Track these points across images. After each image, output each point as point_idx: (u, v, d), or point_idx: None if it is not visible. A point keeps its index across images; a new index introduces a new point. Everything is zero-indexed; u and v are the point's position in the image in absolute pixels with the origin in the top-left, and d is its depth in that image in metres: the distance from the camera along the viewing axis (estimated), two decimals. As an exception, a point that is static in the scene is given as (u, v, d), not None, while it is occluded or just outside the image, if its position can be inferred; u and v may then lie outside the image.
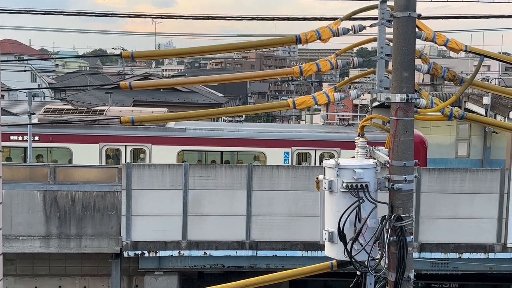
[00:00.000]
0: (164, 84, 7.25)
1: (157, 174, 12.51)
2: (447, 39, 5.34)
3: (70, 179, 12.83)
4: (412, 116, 5.13)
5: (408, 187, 5.13)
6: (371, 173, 5.16)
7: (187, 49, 5.51)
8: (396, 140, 5.10)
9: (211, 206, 12.65)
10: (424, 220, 12.70)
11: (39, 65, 55.10)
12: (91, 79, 45.46)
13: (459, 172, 13.03)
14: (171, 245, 12.58)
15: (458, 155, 25.27)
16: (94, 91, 33.64)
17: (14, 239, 12.21)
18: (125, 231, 12.41)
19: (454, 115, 5.44)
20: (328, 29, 5.24)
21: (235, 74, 6.29)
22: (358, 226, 5.01)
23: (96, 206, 12.52)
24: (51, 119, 16.65)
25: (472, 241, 12.97)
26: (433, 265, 13.20)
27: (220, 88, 46.92)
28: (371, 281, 5.29)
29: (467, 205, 12.89)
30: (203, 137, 17.51)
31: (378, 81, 5.27)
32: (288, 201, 12.68)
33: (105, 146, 17.04)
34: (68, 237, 12.44)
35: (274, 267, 12.78)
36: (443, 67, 5.60)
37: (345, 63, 5.50)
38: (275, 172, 12.77)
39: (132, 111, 19.33)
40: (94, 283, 13.63)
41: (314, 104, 5.49)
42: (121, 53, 5.39)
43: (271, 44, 5.91)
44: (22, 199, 12.33)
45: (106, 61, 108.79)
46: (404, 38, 5.00)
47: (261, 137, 17.84)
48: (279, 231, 12.73)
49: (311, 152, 17.75)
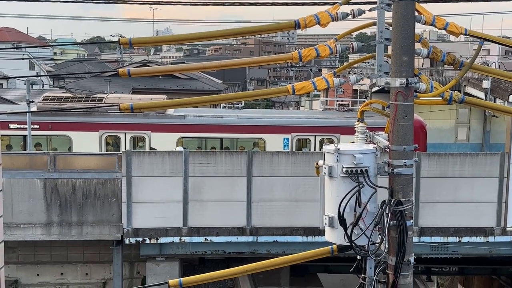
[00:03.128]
0: (163, 71, 7.24)
1: (157, 161, 12.52)
2: (446, 22, 5.31)
3: (70, 167, 12.83)
4: (411, 100, 5.12)
5: (407, 171, 5.14)
6: (371, 158, 5.17)
7: (185, 35, 5.49)
8: (396, 125, 5.10)
9: (212, 192, 12.67)
10: (424, 204, 12.73)
11: (37, 53, 54.87)
12: (90, 67, 45.33)
13: (459, 157, 13.04)
14: (172, 231, 12.63)
15: (457, 139, 25.27)
16: (92, 79, 33.55)
17: (16, 227, 12.25)
18: (126, 218, 12.44)
19: (454, 99, 5.44)
20: (327, 13, 5.21)
21: (234, 60, 6.28)
22: (358, 211, 5.03)
23: (97, 194, 12.54)
24: (50, 107, 16.61)
25: (472, 225, 13.01)
26: (433, 249, 13.25)
27: (219, 75, 46.79)
28: (371, 265, 5.32)
29: (467, 189, 12.92)
30: (202, 124, 17.49)
31: (378, 66, 5.25)
32: (288, 187, 12.70)
33: (105, 134, 17.03)
34: (69, 225, 12.48)
35: (275, 253, 12.83)
36: (442, 51, 5.58)
37: (344, 48, 5.48)
38: (275, 158, 12.78)
39: (131, 98, 19.29)
40: (96, 270, 13.71)
41: (314, 89, 5.49)
42: (119, 39, 5.37)
43: (270, 30, 5.89)
44: (22, 187, 12.34)
45: (105, 49, 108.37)
46: (403, 22, 4.98)
47: (261, 124, 17.82)
48: (280, 217, 12.77)
49: (310, 138, 17.75)
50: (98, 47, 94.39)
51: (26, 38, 62.09)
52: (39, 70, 46.72)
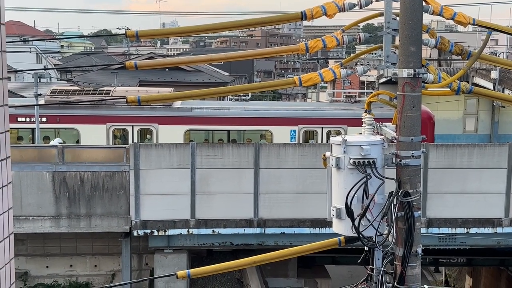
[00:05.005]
0: (169, 63, 7.22)
1: (164, 153, 12.56)
2: (454, 12, 5.27)
3: (79, 160, 12.90)
4: (419, 91, 5.10)
5: (415, 162, 5.13)
6: (378, 149, 5.16)
7: (191, 27, 5.48)
8: (403, 116, 5.08)
9: (219, 184, 12.70)
10: (432, 195, 12.70)
11: (45, 46, 55.01)
12: (97, 60, 45.39)
13: (466, 148, 12.98)
14: (180, 223, 12.69)
15: (465, 130, 25.16)
16: (99, 72, 33.61)
17: (25, 220, 12.35)
18: (134, 211, 12.51)
19: (462, 89, 5.41)
20: (334, 4, 5.18)
21: (240, 52, 6.27)
22: (366, 202, 5.03)
23: (105, 186, 12.61)
24: (58, 100, 16.68)
25: (480, 215, 12.98)
26: (441, 240, 13.24)
27: (226, 67, 46.74)
28: (379, 256, 5.32)
29: (475, 180, 12.87)
30: (209, 116, 17.50)
31: (385, 57, 5.23)
32: (295, 178, 12.70)
33: (112, 127, 17.09)
34: (78, 217, 12.56)
35: (282, 244, 12.87)
36: (450, 41, 5.54)
37: (351, 39, 5.45)
38: (282, 150, 12.77)
39: (138, 91, 19.31)
40: (105, 261, 13.81)
41: (321, 81, 5.47)
42: (126, 32, 5.38)
43: (276, 21, 5.87)
44: (31, 180, 12.42)
45: (111, 42, 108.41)
46: (411, 12, 4.95)
47: (268, 116, 17.81)
48: (287, 209, 12.79)
49: (317, 130, 17.72)
50: (105, 40, 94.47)
51: (33, 31, 62.27)
52: (47, 63, 46.84)
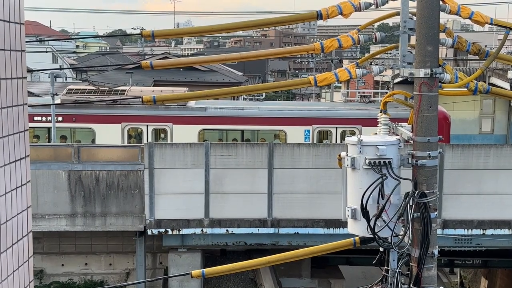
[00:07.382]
0: (184, 63, 7.25)
1: (178, 153, 12.60)
2: (472, 12, 5.22)
3: (94, 159, 12.99)
4: (436, 91, 5.05)
5: (432, 163, 5.08)
6: (394, 150, 5.12)
7: (206, 27, 5.49)
8: (420, 116, 5.04)
9: (233, 184, 12.71)
10: (447, 196, 12.59)
11: (60, 46, 55.51)
12: (112, 60, 45.69)
13: (483, 148, 12.84)
14: (194, 223, 12.72)
15: (482, 131, 24.90)
16: (114, 72, 33.82)
17: (41, 218, 12.47)
18: (148, 210, 12.56)
19: (479, 89, 5.35)
20: (349, 3, 5.16)
21: (254, 51, 6.26)
22: (381, 203, 5.00)
23: (120, 185, 12.68)
24: (74, 99, 16.81)
25: (496, 217, 12.83)
26: (456, 242, 13.11)
27: (240, 67, 46.78)
28: (394, 257, 5.29)
29: (491, 181, 12.73)
30: (223, 116, 17.52)
31: (401, 56, 5.19)
32: (309, 179, 12.67)
33: (127, 126, 17.18)
34: (93, 216, 12.65)
35: (296, 244, 12.84)
36: (468, 40, 5.49)
37: (367, 38, 5.42)
38: (296, 150, 12.75)
39: (152, 90, 19.40)
40: (119, 260, 13.89)
41: (336, 80, 5.45)
42: (141, 32, 5.40)
43: (292, 21, 5.86)
44: (47, 179, 12.53)
45: (126, 42, 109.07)
46: (428, 11, 4.90)
47: (282, 116, 17.78)
48: (301, 209, 12.75)
49: (332, 130, 17.66)
50: (119, 40, 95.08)
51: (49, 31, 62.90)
52: (62, 63, 47.27)
